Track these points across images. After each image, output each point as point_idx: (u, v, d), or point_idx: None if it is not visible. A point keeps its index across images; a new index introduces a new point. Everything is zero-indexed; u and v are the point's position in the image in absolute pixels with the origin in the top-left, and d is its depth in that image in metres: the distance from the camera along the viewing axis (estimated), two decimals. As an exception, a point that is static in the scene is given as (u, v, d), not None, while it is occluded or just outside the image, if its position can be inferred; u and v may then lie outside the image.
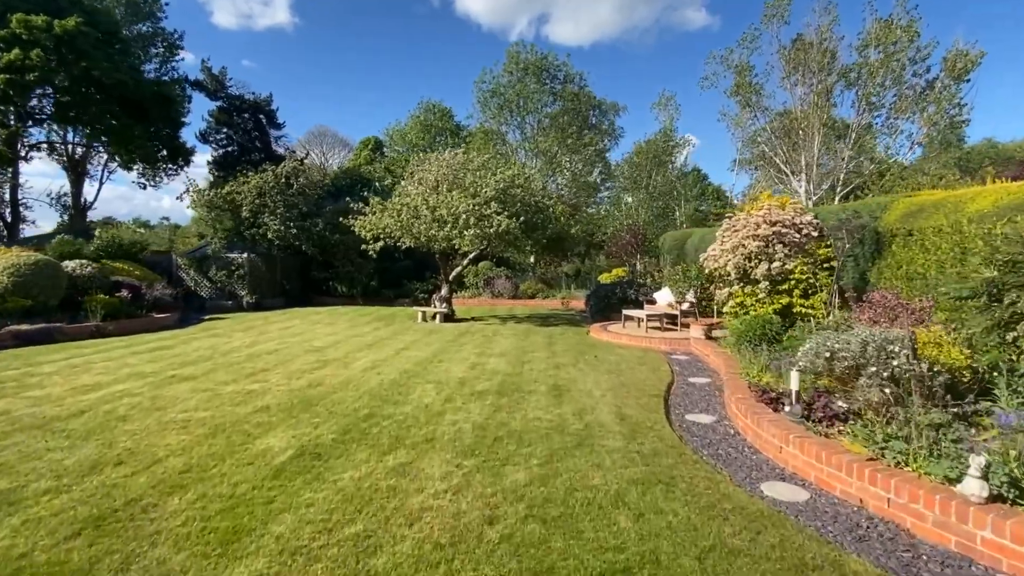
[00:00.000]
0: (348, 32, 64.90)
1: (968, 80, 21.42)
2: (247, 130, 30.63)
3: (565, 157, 23.80)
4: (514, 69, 25.44)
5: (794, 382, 4.50)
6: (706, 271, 9.46)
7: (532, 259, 23.25)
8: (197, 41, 56.35)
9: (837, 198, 24.46)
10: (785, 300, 8.04)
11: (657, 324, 11.32)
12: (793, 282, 8.07)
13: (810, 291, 8.09)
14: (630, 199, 23.42)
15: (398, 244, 13.03)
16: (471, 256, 15.14)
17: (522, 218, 12.44)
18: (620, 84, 57.33)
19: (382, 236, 13.04)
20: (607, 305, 14.32)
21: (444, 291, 14.70)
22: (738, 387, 5.67)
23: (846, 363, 4.45)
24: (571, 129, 24.83)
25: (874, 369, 4.13)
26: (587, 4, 52.16)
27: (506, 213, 12.23)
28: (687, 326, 11.40)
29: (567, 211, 16.51)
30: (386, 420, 5.20)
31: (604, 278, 19.39)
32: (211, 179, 25.39)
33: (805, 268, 8.04)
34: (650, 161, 23.61)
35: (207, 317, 15.22)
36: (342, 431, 4.80)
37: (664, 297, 12.08)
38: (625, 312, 11.73)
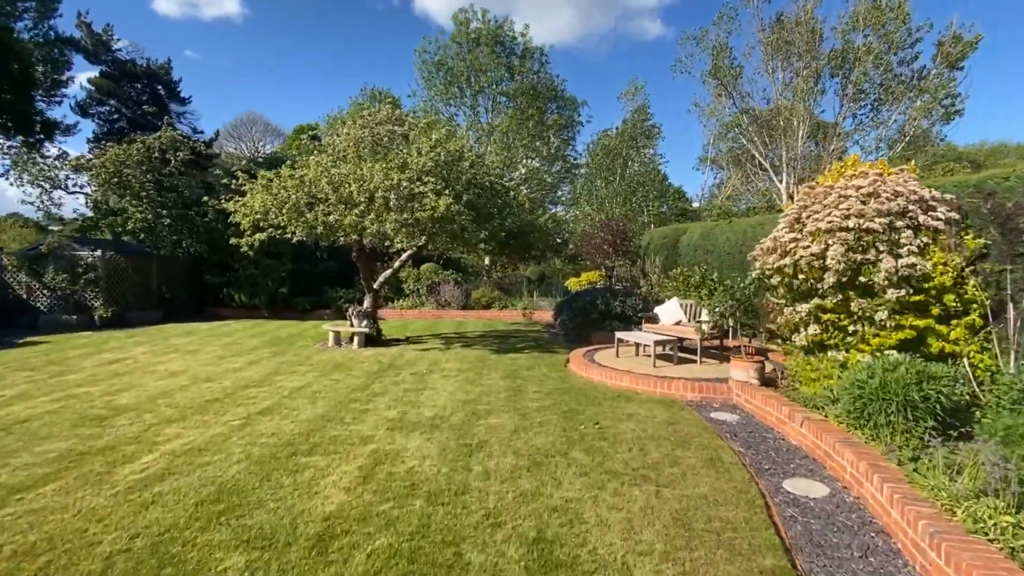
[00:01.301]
0: (301, 26, 59.22)
1: (962, 68, 19.57)
2: (140, 103, 25.37)
3: (524, 141, 20.26)
4: (463, 39, 21.69)
5: None
6: (756, 276, 6.04)
7: (487, 260, 19.51)
8: (132, 27, 49.05)
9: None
10: (921, 324, 4.69)
11: (665, 351, 7.86)
12: (933, 294, 4.74)
13: (951, 312, 4.79)
14: (602, 186, 20.05)
15: (285, 236, 8.96)
16: (407, 256, 11.26)
17: (466, 198, 8.69)
18: (577, 88, 55.33)
19: (264, 224, 8.94)
20: (586, 321, 10.79)
21: (366, 303, 10.73)
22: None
23: None
24: (530, 111, 21.32)
25: None
26: (547, 9, 50.02)
27: (449, 192, 8.47)
28: (712, 356, 8.00)
29: (526, 200, 13.05)
30: None
31: (573, 284, 15.93)
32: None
33: (947, 270, 4.74)
34: (626, 144, 20.41)
35: (21, 341, 10.55)
36: None
37: (671, 313, 8.64)
38: (619, 335, 8.19)
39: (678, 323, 8.51)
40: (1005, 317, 4.47)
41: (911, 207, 4.81)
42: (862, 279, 4.87)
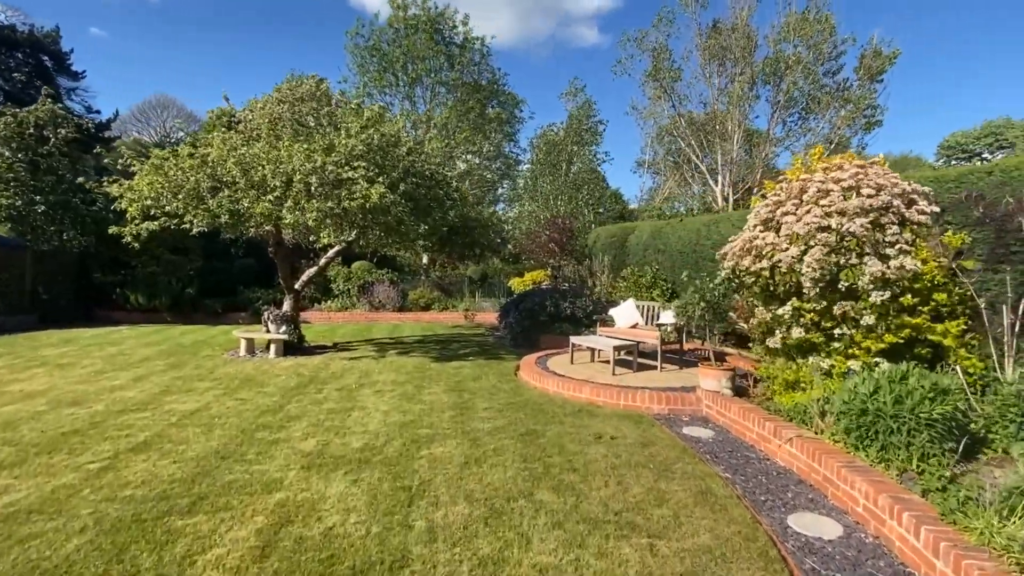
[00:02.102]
0: (224, 11, 54.55)
1: (882, 80, 20.79)
2: (21, 75, 22.04)
3: (464, 134, 19.27)
4: (400, 24, 20.40)
5: None
6: (727, 276, 5.50)
7: (425, 259, 18.38)
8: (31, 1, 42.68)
9: (753, 201, 22.88)
10: (917, 321, 4.26)
11: (623, 356, 7.26)
12: (924, 294, 4.35)
13: (942, 314, 4.43)
14: (547, 182, 19.43)
15: (183, 227, 7.53)
16: (334, 252, 10.03)
17: (403, 187, 7.69)
18: (517, 88, 55.12)
19: (155, 212, 7.47)
20: (534, 324, 10.05)
21: (286, 306, 9.41)
22: None
23: None
24: (471, 103, 20.37)
25: None
26: (487, 10, 49.38)
27: (383, 180, 7.42)
28: (672, 361, 7.47)
29: (468, 193, 12.14)
30: None
31: (517, 284, 15.20)
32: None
33: (937, 269, 4.37)
34: (571, 140, 19.92)
35: None
36: None
37: (627, 315, 8.07)
38: (574, 340, 7.50)
39: (634, 326, 7.95)
40: (999, 321, 4.13)
41: (895, 201, 4.41)
42: (844, 283, 4.40)
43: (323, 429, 4.78)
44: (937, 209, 4.58)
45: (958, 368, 4.10)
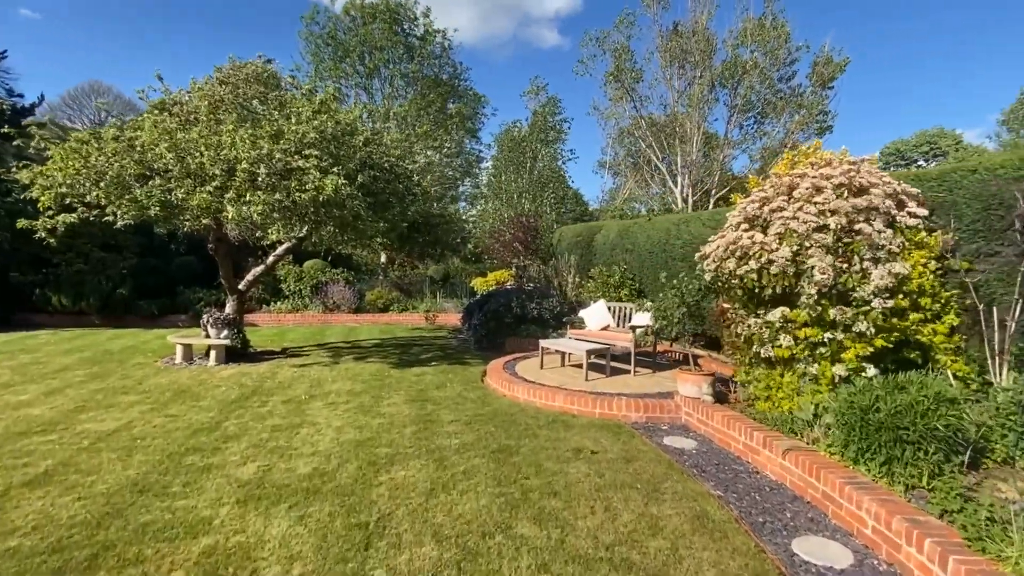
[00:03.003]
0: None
1: (832, 87, 21.51)
2: (-77, 51, 19.79)
3: (424, 128, 18.60)
4: (357, 12, 19.52)
5: None
6: (709, 277, 5.22)
7: (383, 257, 17.61)
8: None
9: (712, 203, 23.30)
10: (906, 324, 4.07)
11: (596, 360, 6.93)
12: (914, 297, 4.17)
13: (928, 317, 4.28)
14: (512, 179, 19.00)
15: (106, 219, 6.67)
16: (284, 249, 9.27)
17: (360, 179, 7.10)
18: (478, 86, 54.56)
19: (73, 202, 6.57)
20: (500, 326, 9.62)
21: (229, 308, 8.60)
22: None
23: None
24: (431, 95, 19.73)
25: None
26: (448, 6, 48.60)
27: (338, 171, 6.80)
28: (645, 364, 7.18)
29: (430, 188, 11.57)
30: None
31: (480, 284, 14.73)
32: None
33: (926, 271, 4.21)
34: (536, 137, 19.58)
35: None
36: None
37: (598, 317, 7.75)
38: (544, 344, 7.10)
39: (606, 328, 7.64)
40: (991, 322, 4.00)
41: (887, 202, 4.22)
42: (839, 288, 4.18)
43: (266, 451, 4.17)
44: (926, 212, 4.43)
45: (948, 373, 3.94)
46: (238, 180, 6.13)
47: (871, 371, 4.14)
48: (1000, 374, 3.85)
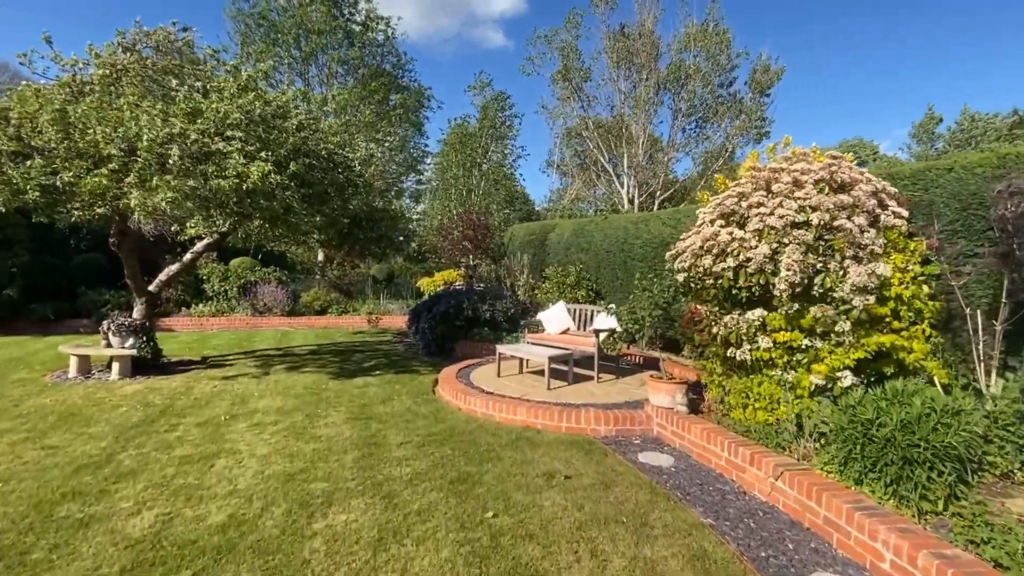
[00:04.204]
0: None
1: (769, 95, 22.37)
2: None
3: (366, 119, 17.53)
4: (292, -8, 18.13)
5: None
6: (682, 277, 4.85)
7: (321, 255, 16.41)
8: None
9: (656, 205, 23.66)
10: (887, 341, 3.85)
11: (560, 367, 6.45)
12: (892, 304, 3.97)
13: (909, 323, 4.09)
14: (461, 174, 18.26)
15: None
16: (204, 246, 8.20)
17: (293, 168, 6.28)
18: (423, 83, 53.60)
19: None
20: (450, 329, 8.98)
21: (137, 312, 7.46)
22: None
23: None
24: (374, 84, 18.65)
25: None
26: (390, 2, 47.00)
27: (266, 157, 5.94)
28: (607, 370, 6.76)
29: (374, 180, 10.70)
30: None
31: (427, 285, 13.99)
32: None
33: (906, 276, 4.02)
34: (486, 133, 18.95)
35: None
36: None
37: (558, 320, 7.29)
38: (502, 350, 6.54)
39: (566, 331, 7.20)
40: (967, 327, 3.84)
41: (870, 200, 4.00)
42: (818, 288, 3.90)
43: (169, 493, 3.37)
44: (906, 213, 4.24)
45: (936, 381, 3.74)
46: (140, 162, 5.15)
47: (848, 379, 3.90)
48: (989, 380, 3.69)
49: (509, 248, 12.59)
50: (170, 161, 5.35)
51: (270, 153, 6.23)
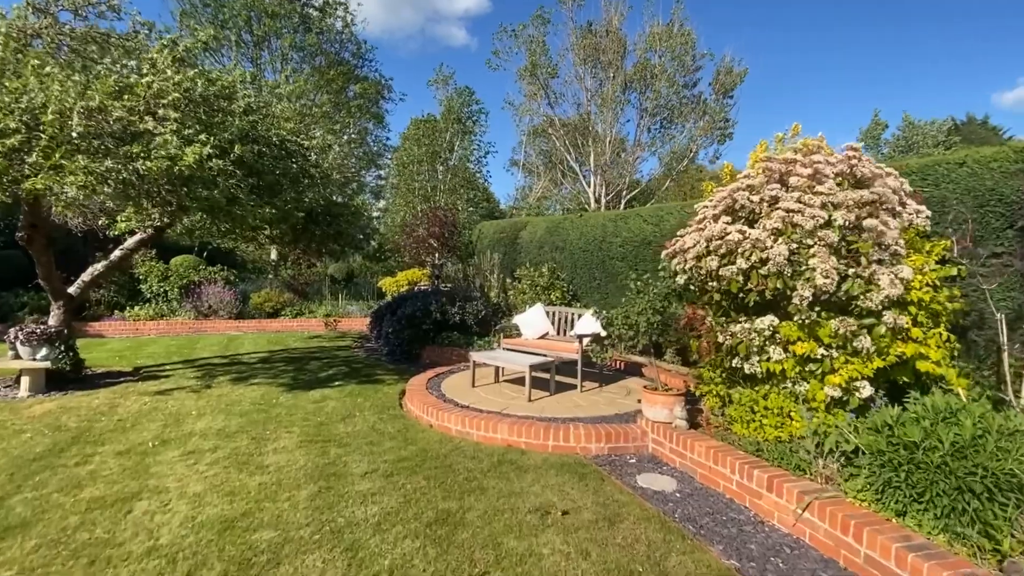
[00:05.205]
0: None
1: (732, 96, 22.61)
2: None
3: (323, 109, 16.56)
4: (242, -28, 16.89)
5: None
6: (683, 279, 4.41)
7: (274, 253, 15.33)
8: None
9: (623, 204, 23.57)
10: (909, 351, 3.52)
11: (541, 375, 5.92)
12: (912, 310, 3.64)
13: (927, 331, 3.79)
14: (426, 169, 17.46)
15: None
16: (136, 241, 7.27)
17: (238, 152, 5.52)
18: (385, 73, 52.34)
19: None
20: (417, 334, 8.33)
21: (53, 319, 6.49)
22: None
23: None
24: (332, 73, 17.65)
25: None
26: None
27: (206, 139, 5.16)
28: (590, 377, 6.28)
29: (334, 171, 9.85)
30: None
31: (389, 285, 13.24)
32: None
33: (924, 279, 3.71)
34: (451, 128, 18.22)
35: None
36: None
37: (535, 323, 6.78)
38: (476, 358, 5.95)
39: (544, 336, 6.70)
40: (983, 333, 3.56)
41: (891, 197, 3.66)
42: (841, 295, 3.54)
43: (66, 554, 2.64)
44: (928, 212, 3.91)
45: (960, 393, 3.42)
46: (46, 138, 4.30)
47: (867, 390, 3.57)
48: (1020, 389, 3.41)
49: (478, 247, 12.00)
50: (75, 134, 4.49)
51: (212, 137, 5.45)
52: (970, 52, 51.74)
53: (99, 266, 7.10)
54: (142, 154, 4.84)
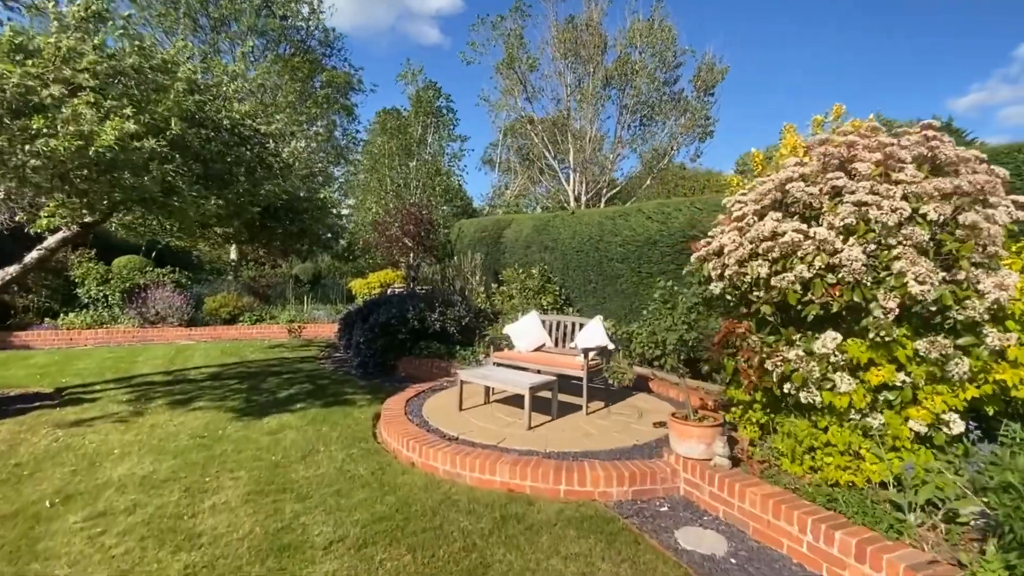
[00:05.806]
0: None
1: (713, 94, 22.28)
2: None
3: (289, 98, 15.37)
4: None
5: None
6: (719, 288, 3.67)
7: (234, 253, 14.11)
8: None
9: (603, 202, 23.03)
10: (1007, 378, 2.88)
11: (542, 395, 5.11)
12: (1011, 325, 3.00)
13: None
14: (397, 165, 16.40)
15: None
16: (57, 240, 6.17)
17: (175, 131, 4.56)
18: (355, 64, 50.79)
19: None
20: (392, 343, 7.42)
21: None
22: None
23: None
24: (296, 60, 16.43)
25: None
26: None
27: (131, 112, 4.18)
28: (595, 394, 5.49)
29: (296, 161, 8.76)
30: None
31: (361, 287, 12.24)
32: None
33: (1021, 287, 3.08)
34: (420, 121, 17.21)
35: None
36: None
37: (530, 334, 5.96)
38: (466, 377, 5.09)
39: (540, 348, 5.90)
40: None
41: (996, 186, 2.98)
42: (932, 308, 2.86)
43: None
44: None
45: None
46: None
47: (959, 426, 2.91)
48: None
49: (457, 246, 11.13)
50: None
51: (143, 115, 4.46)
52: (927, 61, 53.39)
53: (11, 269, 5.96)
54: (46, 130, 3.84)
